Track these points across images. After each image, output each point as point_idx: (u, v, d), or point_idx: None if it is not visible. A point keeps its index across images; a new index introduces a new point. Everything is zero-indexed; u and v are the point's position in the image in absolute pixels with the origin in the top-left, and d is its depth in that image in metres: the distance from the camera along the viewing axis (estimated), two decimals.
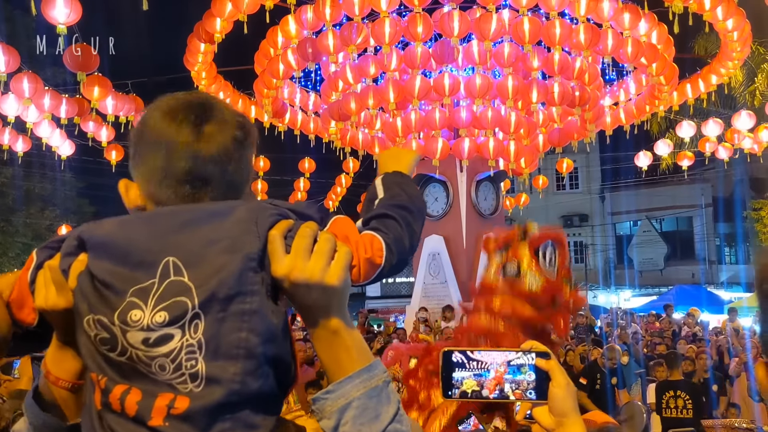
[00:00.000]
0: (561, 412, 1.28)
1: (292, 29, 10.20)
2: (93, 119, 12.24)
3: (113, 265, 1.14)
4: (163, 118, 1.25)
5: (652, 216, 34.90)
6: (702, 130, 14.33)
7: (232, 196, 1.27)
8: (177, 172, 1.23)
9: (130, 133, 1.31)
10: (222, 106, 1.30)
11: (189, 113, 1.25)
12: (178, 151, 1.22)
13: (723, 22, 10.21)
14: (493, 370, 1.36)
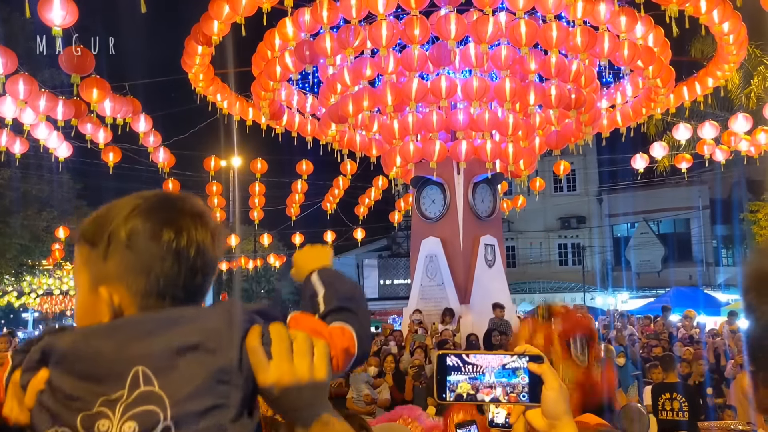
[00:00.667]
0: (554, 415, 1.29)
1: (290, 32, 10.21)
2: (91, 121, 12.23)
3: (78, 380, 1.12)
4: (151, 226, 1.23)
5: (650, 218, 34.95)
6: (699, 132, 14.36)
7: (199, 300, 1.25)
8: (163, 282, 1.21)
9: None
10: (203, 210, 1.29)
11: (173, 222, 1.23)
12: (166, 259, 1.20)
13: (719, 26, 10.23)
14: (487, 374, 1.36)
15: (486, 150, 11.98)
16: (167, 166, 14.91)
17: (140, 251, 1.20)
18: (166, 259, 1.20)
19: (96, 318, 1.22)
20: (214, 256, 1.26)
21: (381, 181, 17.53)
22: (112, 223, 1.24)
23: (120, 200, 1.29)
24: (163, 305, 1.21)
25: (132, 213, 1.24)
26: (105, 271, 1.22)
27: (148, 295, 1.20)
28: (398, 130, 11.97)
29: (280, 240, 31.27)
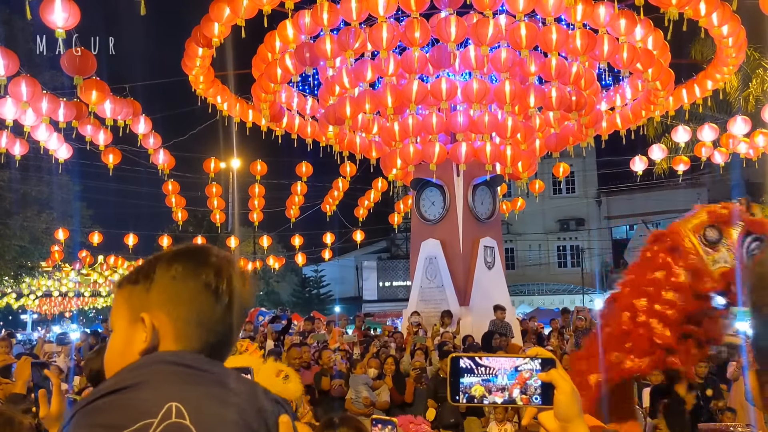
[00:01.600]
0: (565, 418, 1.31)
1: (290, 34, 10.23)
2: (91, 123, 12.24)
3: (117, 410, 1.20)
4: (194, 265, 1.36)
5: (648, 220, 34.97)
6: (698, 135, 14.39)
7: (231, 336, 1.39)
8: (202, 314, 1.34)
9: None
10: (235, 260, 1.44)
11: (214, 265, 1.37)
12: (206, 295, 1.34)
13: (718, 28, 10.26)
14: (500, 376, 1.38)
15: (486, 152, 12.00)
16: (167, 167, 14.93)
17: (184, 284, 1.33)
18: (205, 294, 1.33)
19: (131, 350, 1.32)
20: (245, 300, 1.40)
21: (381, 183, 17.55)
22: (159, 262, 1.37)
23: (172, 247, 1.45)
24: (200, 335, 1.33)
25: (178, 253, 1.39)
26: (148, 300, 1.33)
27: (188, 324, 1.32)
28: (398, 132, 11.98)
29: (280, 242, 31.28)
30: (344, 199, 18.87)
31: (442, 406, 8.66)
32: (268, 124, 13.30)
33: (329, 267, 38.91)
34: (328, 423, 3.38)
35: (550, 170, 17.99)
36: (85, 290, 35.53)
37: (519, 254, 37.47)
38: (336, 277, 41.14)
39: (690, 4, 9.21)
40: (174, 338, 1.31)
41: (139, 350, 1.30)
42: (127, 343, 1.32)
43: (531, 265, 37.04)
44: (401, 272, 35.26)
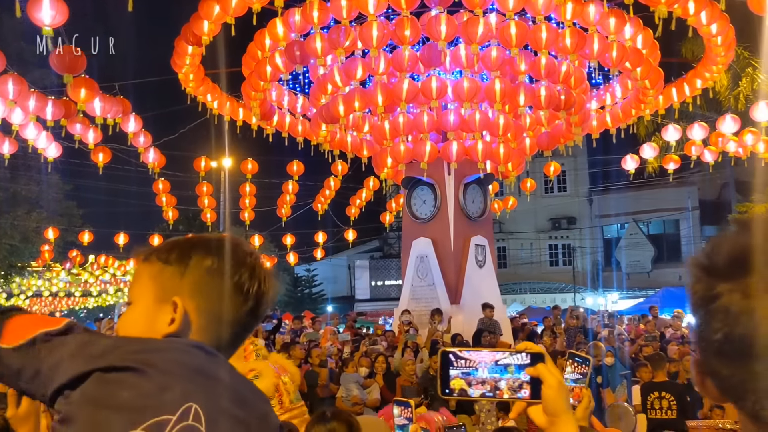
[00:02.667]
0: (553, 412, 1.31)
1: (280, 32, 10.21)
2: (80, 121, 12.18)
3: (136, 396, 1.19)
4: (233, 264, 1.38)
5: (639, 219, 35.12)
6: (687, 133, 14.44)
7: (249, 333, 1.46)
8: (230, 312, 1.36)
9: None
10: (265, 263, 1.46)
11: (250, 266, 1.39)
12: (237, 294, 1.36)
13: (707, 27, 10.30)
14: (480, 369, 1.38)
15: (477, 150, 12.02)
16: (157, 166, 14.88)
17: (218, 281, 1.35)
18: (236, 294, 1.35)
19: (153, 328, 1.32)
20: (269, 303, 1.44)
21: (372, 182, 17.54)
22: (196, 249, 1.38)
23: (199, 234, 1.46)
24: (222, 332, 1.35)
25: (216, 245, 1.40)
26: (180, 286, 1.34)
27: (214, 319, 1.34)
28: (389, 130, 11.98)
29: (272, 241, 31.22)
30: (336, 198, 18.85)
31: (432, 405, 8.67)
32: (258, 123, 13.28)
33: (322, 266, 38.89)
34: (321, 417, 3.39)
35: (542, 169, 18.02)
36: (76, 290, 35.35)
37: (511, 253, 37.53)
38: (328, 276, 41.12)
39: (679, 2, 9.24)
40: (197, 330, 1.33)
41: (164, 332, 1.30)
42: (151, 321, 1.32)
43: (523, 264, 37.12)
44: (394, 271, 35.28)
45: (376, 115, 12.40)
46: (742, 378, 0.88)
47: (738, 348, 0.87)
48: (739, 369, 0.88)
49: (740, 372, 0.88)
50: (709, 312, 0.90)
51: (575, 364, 2.52)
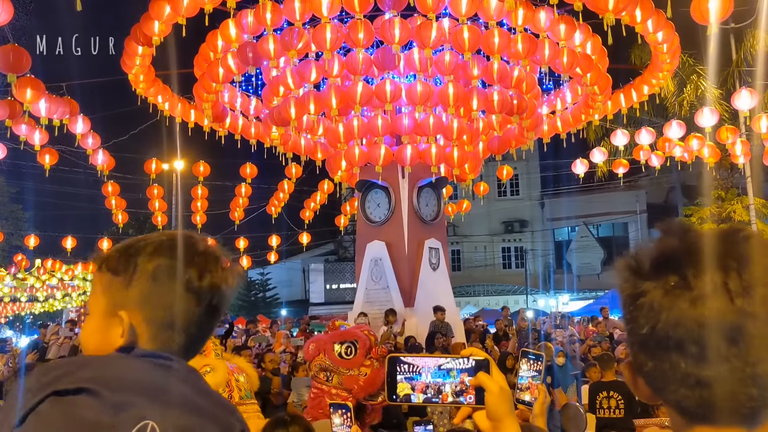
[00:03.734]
0: (496, 417, 1.33)
1: (232, 33, 10.11)
2: (25, 122, 11.86)
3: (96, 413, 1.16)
4: (176, 264, 1.32)
5: (590, 222, 35.82)
6: (635, 138, 14.79)
7: (208, 335, 1.39)
8: (180, 318, 1.31)
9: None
10: (220, 254, 1.40)
11: (197, 264, 1.33)
12: (186, 298, 1.31)
13: (653, 35, 10.55)
14: (424, 374, 1.40)
15: (431, 154, 12.08)
16: (106, 168, 14.59)
17: (163, 286, 1.30)
18: (186, 297, 1.30)
19: (107, 341, 1.31)
20: (229, 298, 1.38)
21: (327, 185, 17.50)
22: (140, 256, 1.33)
23: (147, 236, 1.39)
24: (174, 338, 1.30)
25: (159, 248, 1.34)
26: (126, 297, 1.31)
27: (164, 327, 1.30)
28: (343, 133, 11.96)
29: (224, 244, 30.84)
30: (290, 201, 18.75)
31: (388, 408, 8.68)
32: (210, 125, 13.10)
33: (276, 270, 38.63)
34: (279, 421, 3.37)
35: (495, 173, 18.24)
36: (22, 295, 34.36)
37: (465, 256, 37.86)
38: (283, 280, 40.87)
39: (626, 10, 9.44)
40: (148, 340, 1.30)
41: (117, 345, 1.29)
42: (104, 334, 1.31)
43: (476, 267, 37.48)
44: (348, 275, 35.25)
45: (330, 117, 12.36)
46: (664, 370, 0.95)
47: (659, 341, 0.95)
48: (661, 361, 0.95)
49: (662, 364, 0.95)
50: (635, 309, 0.98)
51: (530, 361, 2.58)
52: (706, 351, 0.91)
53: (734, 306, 0.91)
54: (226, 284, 1.35)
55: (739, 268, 0.92)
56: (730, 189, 19.20)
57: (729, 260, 0.93)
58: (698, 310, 0.91)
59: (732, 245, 0.94)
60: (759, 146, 14.47)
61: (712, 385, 0.92)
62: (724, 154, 15.74)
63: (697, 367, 0.92)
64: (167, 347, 1.30)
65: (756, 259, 0.93)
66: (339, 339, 7.09)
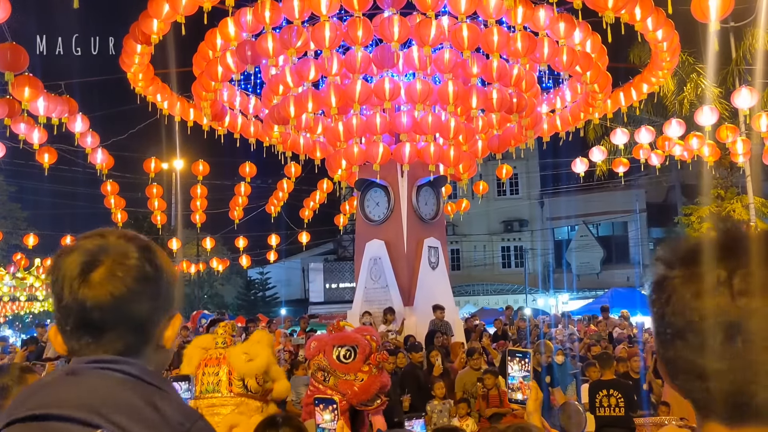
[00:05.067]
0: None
1: (231, 31, 10.09)
2: (24, 121, 11.85)
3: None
4: (61, 264, 1.29)
5: (589, 221, 35.80)
6: (635, 137, 14.78)
7: (139, 341, 1.29)
8: (71, 322, 1.27)
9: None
10: (120, 246, 1.30)
11: (79, 260, 1.27)
12: (67, 300, 1.26)
13: (653, 33, 10.54)
14: None
15: (429, 153, 12.06)
16: (105, 167, 14.57)
17: (54, 292, 1.30)
18: (64, 301, 1.27)
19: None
20: (101, 301, 1.25)
21: (326, 184, 17.48)
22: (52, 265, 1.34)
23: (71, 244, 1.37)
24: (75, 346, 1.28)
25: (57, 257, 1.33)
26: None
27: (66, 336, 1.29)
28: (342, 132, 11.95)
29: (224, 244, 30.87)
30: (289, 201, 18.74)
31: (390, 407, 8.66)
32: (209, 124, 13.09)
33: (275, 269, 38.61)
34: (271, 422, 3.36)
35: (494, 172, 18.22)
36: (21, 294, 34.35)
37: (464, 255, 37.85)
38: (282, 279, 40.87)
39: (626, 8, 9.43)
40: (66, 340, 1.30)
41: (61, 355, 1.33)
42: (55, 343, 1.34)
43: (476, 266, 37.47)
44: (348, 274, 35.23)
45: (329, 116, 12.34)
46: (671, 358, 0.99)
47: (667, 328, 0.99)
48: (668, 349, 1.00)
49: (668, 352, 1.00)
50: (655, 295, 1.02)
51: (518, 360, 2.57)
52: (706, 343, 0.93)
53: (735, 303, 0.92)
54: (86, 288, 1.25)
55: (749, 267, 0.94)
56: (729, 188, 19.20)
57: (742, 259, 0.95)
58: (700, 302, 0.94)
59: (747, 245, 0.96)
60: (759, 145, 14.47)
61: (715, 378, 0.94)
62: (723, 152, 15.73)
63: (698, 358, 0.95)
64: (73, 350, 1.29)
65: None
66: (339, 342, 7.07)
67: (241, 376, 5.08)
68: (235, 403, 5.02)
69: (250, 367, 5.02)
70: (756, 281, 0.92)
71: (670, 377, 1.02)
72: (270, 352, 5.19)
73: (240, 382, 5.08)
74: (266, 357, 5.08)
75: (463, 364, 9.83)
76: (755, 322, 0.91)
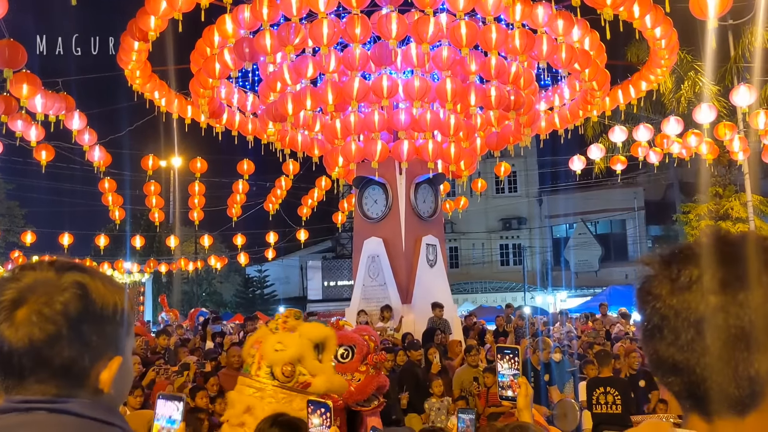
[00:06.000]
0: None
1: (229, 28, 10.07)
2: (22, 118, 11.82)
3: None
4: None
5: (587, 219, 35.81)
6: (633, 135, 14.77)
7: (68, 385, 1.20)
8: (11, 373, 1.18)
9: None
10: (50, 283, 1.20)
11: (9, 296, 1.18)
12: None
13: (651, 30, 10.53)
14: None
15: (428, 150, 12.05)
16: (103, 165, 14.55)
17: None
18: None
19: None
20: (18, 339, 1.16)
21: (324, 181, 17.47)
22: None
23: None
24: (4, 377, 1.19)
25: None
26: None
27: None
28: (340, 129, 11.93)
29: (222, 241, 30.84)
30: (287, 198, 18.72)
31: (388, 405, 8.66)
32: (207, 121, 13.07)
33: (273, 267, 38.61)
34: (272, 420, 3.38)
35: (493, 170, 18.21)
36: None
37: (462, 253, 37.84)
38: (280, 276, 40.85)
39: (624, 5, 9.42)
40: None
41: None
42: None
43: (474, 264, 37.47)
44: (346, 272, 35.21)
45: (327, 113, 12.32)
46: (649, 353, 1.05)
47: (645, 326, 1.05)
48: (646, 345, 1.05)
49: (647, 348, 1.05)
50: (638, 296, 1.08)
51: (507, 357, 2.59)
52: (679, 338, 0.99)
53: (704, 300, 0.97)
54: (8, 341, 1.16)
55: (726, 267, 0.99)
56: (728, 186, 19.19)
57: (721, 259, 1.00)
58: (673, 299, 1.00)
59: (723, 249, 1.01)
60: (757, 143, 14.47)
61: (688, 372, 0.99)
62: (722, 150, 15.72)
63: (674, 353, 1.00)
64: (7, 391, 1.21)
65: (745, 261, 1.00)
66: (338, 341, 7.07)
67: (269, 364, 5.10)
68: (258, 387, 5.05)
69: (277, 356, 5.05)
70: (725, 279, 0.97)
71: (653, 372, 1.07)
72: (307, 346, 5.18)
73: (267, 369, 5.10)
74: (297, 349, 5.09)
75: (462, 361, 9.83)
76: (722, 318, 0.96)
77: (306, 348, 5.20)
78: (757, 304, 0.96)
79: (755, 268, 0.98)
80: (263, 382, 5.08)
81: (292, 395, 5.04)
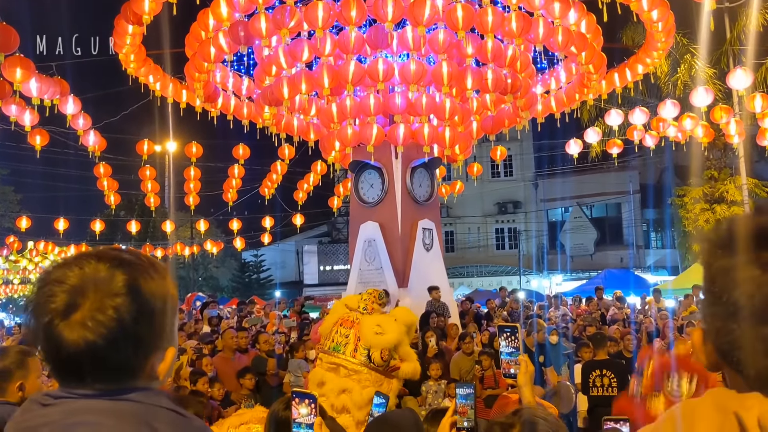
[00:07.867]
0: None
1: (224, 12, 9.99)
2: (15, 102, 11.74)
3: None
4: (42, 296, 1.21)
5: (583, 203, 35.87)
6: (629, 118, 14.76)
7: (128, 377, 1.23)
8: (53, 361, 1.22)
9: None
10: (104, 281, 1.21)
11: (62, 299, 1.19)
12: (49, 339, 1.20)
13: (648, 13, 10.49)
14: None
15: (423, 134, 12.02)
16: (98, 149, 14.48)
17: (39, 327, 1.23)
18: (39, 328, 1.22)
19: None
20: (129, 334, 1.20)
21: (320, 166, 17.43)
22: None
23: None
24: (62, 376, 1.23)
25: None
26: None
27: (51, 366, 1.24)
28: (336, 113, 11.87)
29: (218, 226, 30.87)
30: (283, 183, 18.68)
31: None
32: (202, 105, 13.01)
33: (270, 251, 38.64)
34: (287, 404, 3.41)
35: (488, 154, 18.20)
36: (14, 277, 34.31)
37: (458, 237, 37.92)
38: (276, 261, 40.90)
39: None
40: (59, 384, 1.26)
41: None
42: None
43: (470, 248, 37.54)
44: (342, 256, 35.27)
45: (322, 97, 12.26)
46: (732, 336, 1.05)
47: (734, 307, 1.04)
48: (733, 327, 1.05)
49: (733, 329, 1.05)
50: (719, 278, 1.08)
51: (506, 335, 2.61)
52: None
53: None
54: (65, 343, 1.20)
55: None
56: (723, 169, 19.25)
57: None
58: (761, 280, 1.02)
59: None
60: (752, 126, 14.48)
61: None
62: (717, 133, 15.73)
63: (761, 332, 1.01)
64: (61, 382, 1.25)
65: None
66: None
67: (367, 346, 5.09)
68: (353, 369, 5.05)
69: (377, 339, 5.04)
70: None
71: (722, 355, 1.07)
72: (404, 331, 5.19)
73: (365, 351, 5.09)
74: (397, 334, 5.10)
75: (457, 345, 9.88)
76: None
77: (402, 333, 5.21)
78: None
79: None
80: (357, 364, 5.07)
81: (381, 378, 5.06)
